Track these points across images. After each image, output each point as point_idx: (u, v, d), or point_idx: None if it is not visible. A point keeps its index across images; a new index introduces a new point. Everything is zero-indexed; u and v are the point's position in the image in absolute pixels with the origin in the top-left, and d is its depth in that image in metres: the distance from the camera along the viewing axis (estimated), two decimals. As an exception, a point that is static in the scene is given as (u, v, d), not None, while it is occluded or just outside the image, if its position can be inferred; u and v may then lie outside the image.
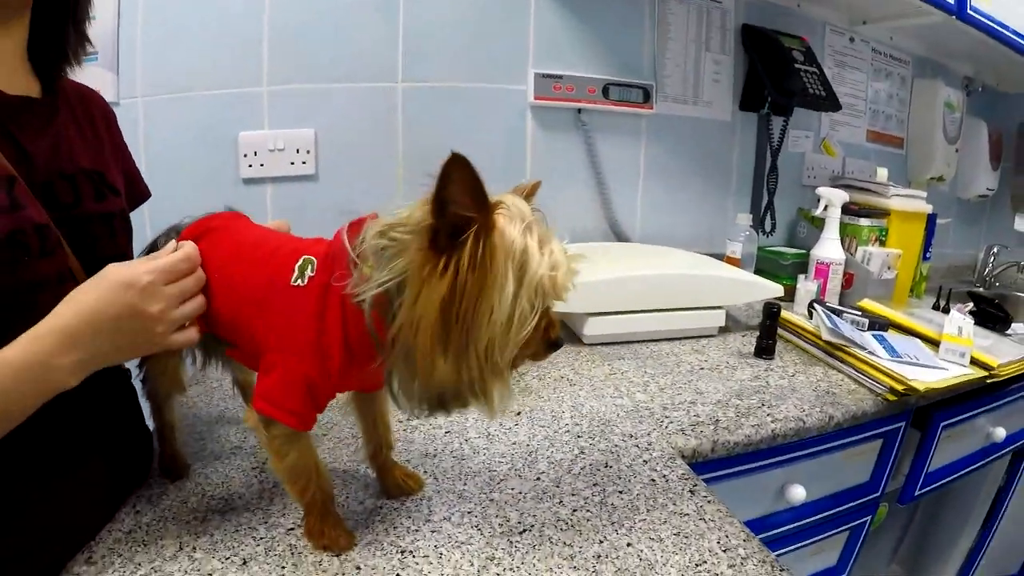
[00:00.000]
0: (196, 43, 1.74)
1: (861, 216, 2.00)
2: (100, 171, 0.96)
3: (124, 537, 0.89)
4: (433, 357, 0.73)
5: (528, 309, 0.73)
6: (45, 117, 0.88)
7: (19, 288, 0.76)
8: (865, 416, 1.32)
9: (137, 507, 0.96)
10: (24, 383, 0.73)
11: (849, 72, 2.42)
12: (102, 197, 0.94)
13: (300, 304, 0.82)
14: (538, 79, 1.92)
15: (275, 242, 0.92)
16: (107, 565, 0.83)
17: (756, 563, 0.84)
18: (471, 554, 0.86)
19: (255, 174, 1.81)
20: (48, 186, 0.85)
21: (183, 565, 0.83)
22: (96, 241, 0.92)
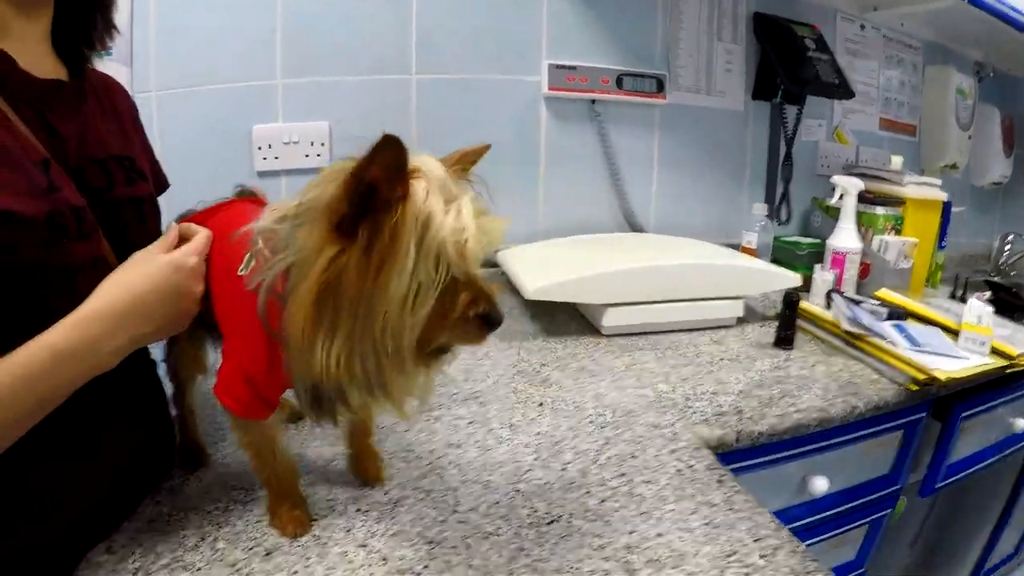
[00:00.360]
0: (209, 37, 1.74)
1: (876, 204, 1.99)
2: (129, 156, 0.96)
3: (145, 527, 0.89)
4: (310, 341, 0.68)
5: (428, 280, 0.65)
6: (74, 102, 0.88)
7: (57, 271, 0.76)
8: (888, 406, 1.32)
9: (158, 497, 0.95)
10: (69, 368, 0.74)
11: (861, 60, 2.41)
12: (132, 182, 0.94)
13: (240, 293, 0.80)
14: (552, 70, 1.92)
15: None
16: (127, 555, 0.83)
17: (787, 553, 0.84)
18: (500, 545, 0.85)
19: (270, 167, 1.82)
20: (80, 171, 0.85)
21: (205, 555, 0.83)
22: (126, 226, 0.92)
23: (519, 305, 1.84)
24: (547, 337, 1.60)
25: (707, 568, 0.81)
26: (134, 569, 0.80)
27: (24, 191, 0.71)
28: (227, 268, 0.85)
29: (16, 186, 0.71)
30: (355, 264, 0.65)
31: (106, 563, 0.82)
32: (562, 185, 2.03)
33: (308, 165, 1.83)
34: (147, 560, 0.82)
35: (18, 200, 0.70)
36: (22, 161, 0.73)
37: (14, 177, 0.71)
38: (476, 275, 0.71)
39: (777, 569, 0.81)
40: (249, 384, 0.81)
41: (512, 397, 1.27)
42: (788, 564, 0.82)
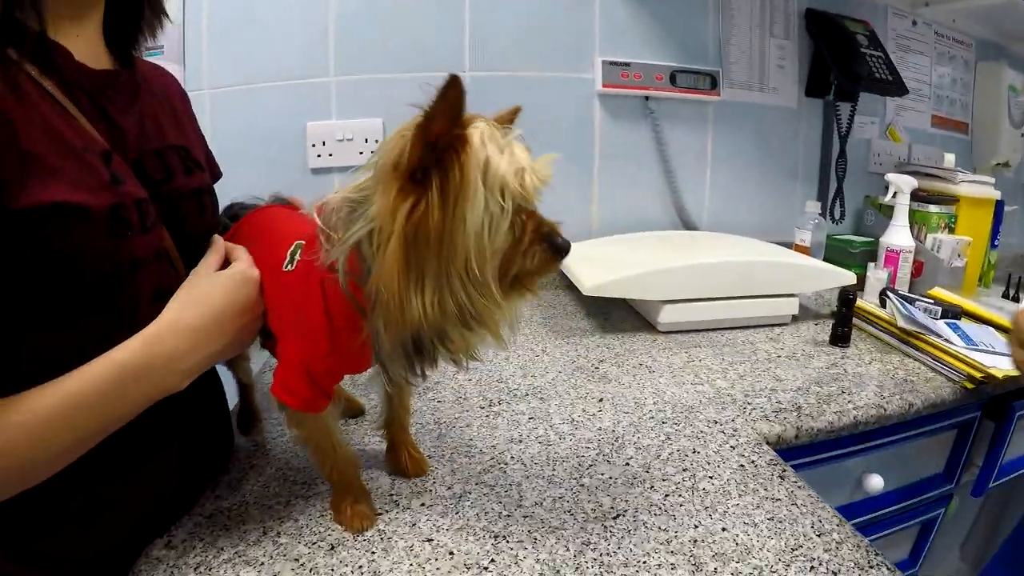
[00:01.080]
0: (262, 35, 1.78)
1: (930, 203, 1.98)
2: (185, 146, 0.96)
3: (205, 522, 0.90)
4: (404, 292, 0.71)
5: (498, 211, 0.71)
6: (130, 92, 0.88)
7: (121, 265, 0.76)
8: (944, 404, 1.31)
9: (217, 491, 0.97)
10: (137, 387, 0.75)
11: (913, 56, 2.39)
12: (189, 172, 0.95)
13: (290, 289, 0.84)
14: (606, 67, 1.93)
15: (284, 228, 0.94)
16: (188, 549, 0.84)
17: (851, 547, 0.85)
18: (566, 539, 0.86)
19: (323, 164, 1.86)
20: (139, 162, 0.85)
21: (268, 550, 0.84)
22: (186, 218, 0.92)
23: (575, 302, 1.86)
24: (604, 334, 1.61)
25: (773, 562, 0.82)
26: (195, 564, 0.82)
27: (88, 184, 0.72)
28: (273, 270, 0.88)
29: (80, 179, 0.71)
30: (433, 209, 0.69)
31: (166, 558, 0.83)
32: (616, 182, 2.04)
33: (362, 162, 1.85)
34: (208, 555, 0.83)
35: (83, 193, 0.70)
36: (84, 154, 0.73)
37: (78, 170, 0.71)
38: (537, 209, 0.77)
39: (842, 563, 0.82)
40: (309, 378, 0.83)
41: (572, 393, 1.28)
42: (853, 558, 0.82)
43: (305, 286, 0.82)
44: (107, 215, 0.73)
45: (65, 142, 0.71)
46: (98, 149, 0.75)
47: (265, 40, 1.79)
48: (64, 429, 0.70)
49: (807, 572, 0.80)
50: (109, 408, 0.73)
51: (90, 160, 0.73)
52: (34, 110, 0.69)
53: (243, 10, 1.77)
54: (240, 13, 1.77)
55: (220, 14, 1.78)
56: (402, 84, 1.84)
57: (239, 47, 1.79)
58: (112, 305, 0.77)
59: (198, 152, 1.01)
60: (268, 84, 1.81)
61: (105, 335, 0.76)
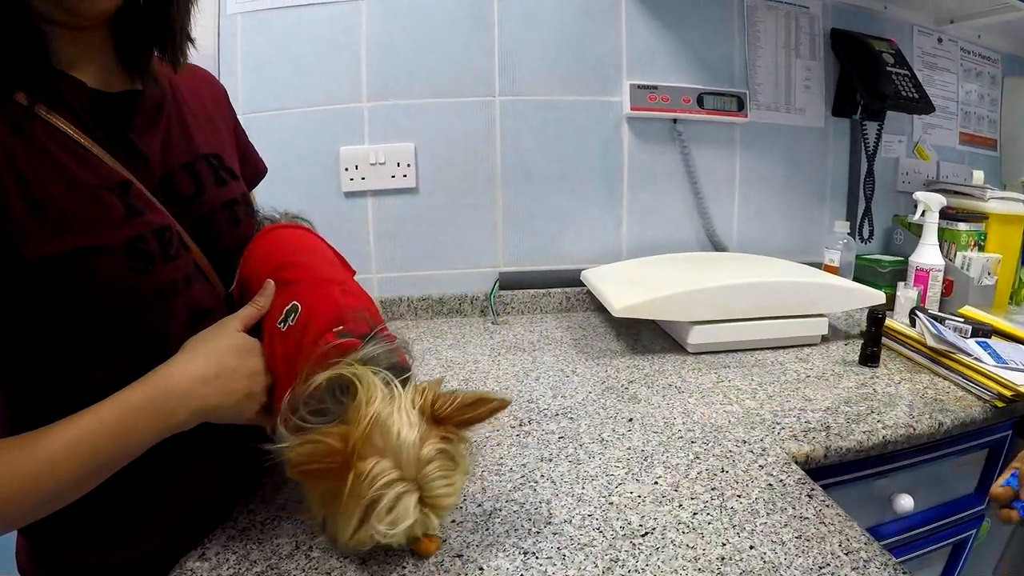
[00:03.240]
0: (295, 60, 1.82)
1: (959, 220, 1.98)
2: (218, 153, 0.97)
3: (238, 535, 0.91)
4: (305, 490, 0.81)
5: (367, 541, 0.74)
6: (153, 108, 0.88)
7: (147, 299, 0.78)
8: (974, 423, 1.31)
9: (251, 505, 0.99)
10: (146, 425, 0.76)
11: (939, 73, 2.38)
12: (222, 183, 0.95)
13: (279, 346, 0.87)
14: (633, 90, 1.95)
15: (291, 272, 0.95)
16: (221, 562, 0.86)
17: (879, 566, 0.84)
18: (595, 556, 0.87)
19: (356, 187, 1.89)
20: (168, 179, 0.86)
21: (300, 563, 0.85)
22: (220, 232, 0.94)
23: (604, 323, 1.87)
24: (633, 355, 1.62)
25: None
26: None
27: (102, 223, 0.73)
28: (271, 320, 0.90)
29: (94, 220, 0.72)
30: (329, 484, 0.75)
31: (199, 570, 0.84)
32: (645, 204, 2.05)
33: (394, 186, 1.90)
34: (241, 567, 0.84)
35: (96, 235, 0.72)
36: (98, 192, 0.74)
37: (92, 210, 0.72)
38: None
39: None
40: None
41: (601, 413, 1.29)
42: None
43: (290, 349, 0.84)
44: (123, 251, 0.74)
45: (77, 183, 0.72)
46: (115, 181, 0.76)
47: (298, 67, 1.83)
48: (74, 467, 0.71)
49: (834, 591, 0.80)
50: (117, 447, 0.74)
51: (103, 197, 0.74)
52: (43, 156, 0.70)
53: (277, 38, 1.82)
54: (274, 41, 1.82)
55: (254, 41, 1.82)
56: (434, 109, 1.89)
57: (273, 74, 1.83)
58: (143, 337, 0.79)
59: (231, 158, 1.02)
60: (301, 109, 1.85)
61: (140, 366, 0.78)
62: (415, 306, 1.99)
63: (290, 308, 0.88)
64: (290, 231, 1.08)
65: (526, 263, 2.02)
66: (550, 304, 2.04)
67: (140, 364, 0.78)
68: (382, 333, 0.85)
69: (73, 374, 0.77)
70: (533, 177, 1.97)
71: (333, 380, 0.76)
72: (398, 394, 0.77)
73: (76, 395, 0.74)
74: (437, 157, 1.92)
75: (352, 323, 0.84)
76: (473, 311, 2.01)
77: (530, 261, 2.02)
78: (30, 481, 0.69)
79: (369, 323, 0.85)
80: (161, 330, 0.81)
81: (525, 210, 1.99)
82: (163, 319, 0.81)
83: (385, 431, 0.73)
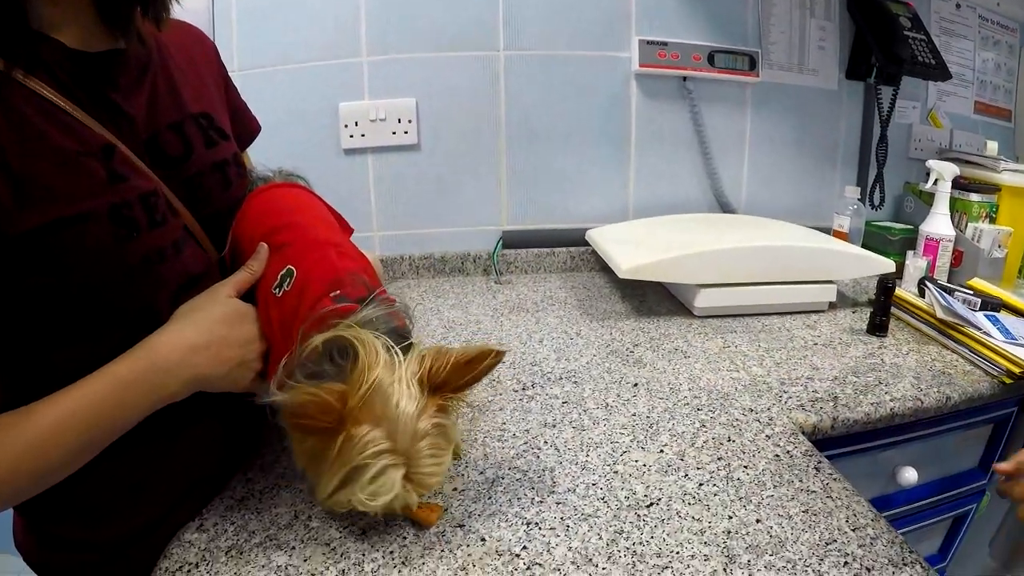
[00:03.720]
0: (292, 15, 1.79)
1: (971, 191, 1.94)
2: (207, 113, 0.94)
3: (236, 504, 0.91)
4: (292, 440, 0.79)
5: (344, 505, 0.74)
6: (138, 67, 0.84)
7: (134, 268, 0.75)
8: (981, 399, 1.29)
9: (249, 474, 0.98)
10: (135, 398, 0.74)
11: (956, 40, 2.33)
12: (212, 143, 0.93)
13: (274, 311, 0.85)
14: (643, 46, 1.91)
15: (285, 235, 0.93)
16: (219, 533, 0.85)
17: (885, 543, 0.83)
18: (599, 527, 0.86)
19: (356, 144, 1.86)
20: (154, 140, 0.84)
21: (299, 533, 0.84)
22: (210, 194, 0.91)
23: (609, 284, 1.85)
24: (639, 317, 1.61)
25: (806, 556, 0.81)
26: (227, 547, 0.82)
27: (84, 190, 0.70)
28: (265, 285, 0.88)
29: (76, 188, 0.70)
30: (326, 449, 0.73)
31: (197, 541, 0.84)
32: (652, 164, 2.02)
33: (395, 142, 1.87)
34: (240, 538, 0.84)
35: (79, 202, 0.69)
36: (81, 158, 0.71)
37: (73, 178, 0.70)
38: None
39: (876, 559, 0.81)
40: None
41: (606, 377, 1.28)
42: (887, 555, 0.81)
43: (286, 315, 0.83)
44: (108, 219, 0.72)
45: (58, 151, 0.69)
46: (98, 146, 0.74)
47: (296, 21, 1.79)
48: (66, 443, 0.70)
49: (841, 567, 0.79)
50: (108, 421, 0.73)
51: (85, 164, 0.71)
52: (23, 125, 0.67)
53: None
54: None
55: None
56: (436, 63, 1.85)
57: (269, 28, 1.79)
58: (132, 308, 0.77)
59: (222, 118, 0.99)
60: (299, 65, 1.81)
61: (131, 337, 0.76)
62: (416, 265, 1.97)
63: (285, 273, 0.86)
64: (285, 190, 1.05)
65: (530, 221, 2.00)
66: (554, 264, 2.02)
67: (131, 335, 0.76)
68: (381, 296, 0.83)
69: (63, 349, 0.75)
70: (538, 134, 1.94)
71: (330, 342, 0.75)
72: (400, 362, 0.75)
73: (67, 371, 0.72)
74: (439, 113, 1.89)
75: (349, 287, 0.82)
76: (476, 270, 1.99)
77: (534, 220, 2.00)
78: (21, 460, 0.68)
79: (367, 286, 0.84)
80: (151, 300, 0.79)
81: (529, 168, 1.96)
82: (152, 288, 0.79)
83: (384, 400, 0.72)
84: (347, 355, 0.75)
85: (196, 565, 0.80)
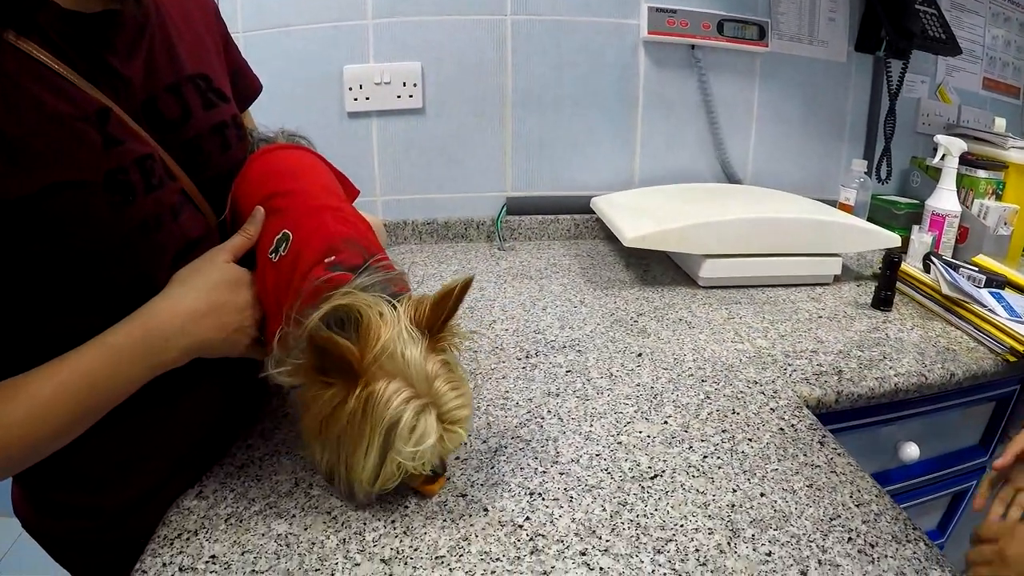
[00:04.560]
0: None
1: (978, 168, 1.93)
2: (206, 74, 0.92)
3: (236, 472, 0.90)
4: (310, 440, 0.78)
5: (393, 474, 0.74)
6: (135, 28, 0.82)
7: (130, 232, 0.74)
8: (985, 376, 1.29)
9: (249, 441, 0.97)
10: (129, 368, 0.74)
11: (967, 15, 2.31)
12: (211, 105, 0.91)
13: (270, 277, 0.84)
14: (651, 13, 1.88)
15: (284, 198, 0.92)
16: (219, 500, 0.85)
17: (889, 520, 0.84)
18: (602, 498, 0.86)
19: (360, 108, 1.84)
20: (151, 103, 0.82)
21: (300, 501, 0.84)
22: (209, 157, 0.90)
23: (614, 252, 1.85)
24: (643, 286, 1.60)
25: (810, 530, 0.81)
26: (226, 515, 0.82)
27: (79, 156, 0.69)
28: (262, 250, 0.87)
29: (71, 153, 0.68)
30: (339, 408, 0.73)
31: (197, 508, 0.83)
32: (659, 132, 2.00)
33: (400, 106, 1.85)
34: (240, 506, 0.84)
35: (74, 168, 0.68)
36: (75, 123, 0.69)
37: (68, 143, 0.68)
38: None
39: (880, 535, 0.81)
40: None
41: (610, 347, 1.27)
42: (891, 531, 0.82)
43: (281, 281, 0.82)
44: (103, 185, 0.70)
45: (51, 115, 0.68)
46: (93, 110, 0.72)
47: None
48: (63, 412, 0.70)
49: (844, 543, 0.79)
50: (104, 390, 0.72)
51: (80, 129, 0.70)
52: (16, 90, 0.66)
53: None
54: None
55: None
56: (443, 27, 1.82)
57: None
58: (130, 275, 0.76)
59: (221, 79, 0.97)
60: (304, 27, 1.78)
61: (129, 304, 0.76)
62: (419, 230, 1.96)
63: (280, 237, 0.85)
64: (286, 152, 1.04)
65: (534, 188, 1.99)
66: (558, 231, 2.01)
67: (130, 302, 0.76)
68: (378, 263, 0.82)
69: (60, 318, 0.75)
70: (544, 100, 1.92)
71: (328, 315, 0.74)
72: (395, 314, 0.75)
73: (64, 340, 0.72)
74: (445, 77, 1.86)
75: (345, 253, 0.81)
76: (479, 236, 1.98)
77: (539, 186, 1.99)
78: (17, 429, 0.67)
79: (363, 253, 0.83)
80: (149, 265, 0.78)
81: (535, 134, 1.94)
82: (150, 253, 0.78)
83: (392, 353, 0.72)
84: (345, 325, 0.74)
85: (195, 533, 0.79)
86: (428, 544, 0.77)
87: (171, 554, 0.76)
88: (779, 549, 0.78)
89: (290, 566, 0.74)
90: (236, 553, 0.76)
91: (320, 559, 0.75)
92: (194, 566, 0.74)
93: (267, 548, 0.77)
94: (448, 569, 0.74)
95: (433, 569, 0.74)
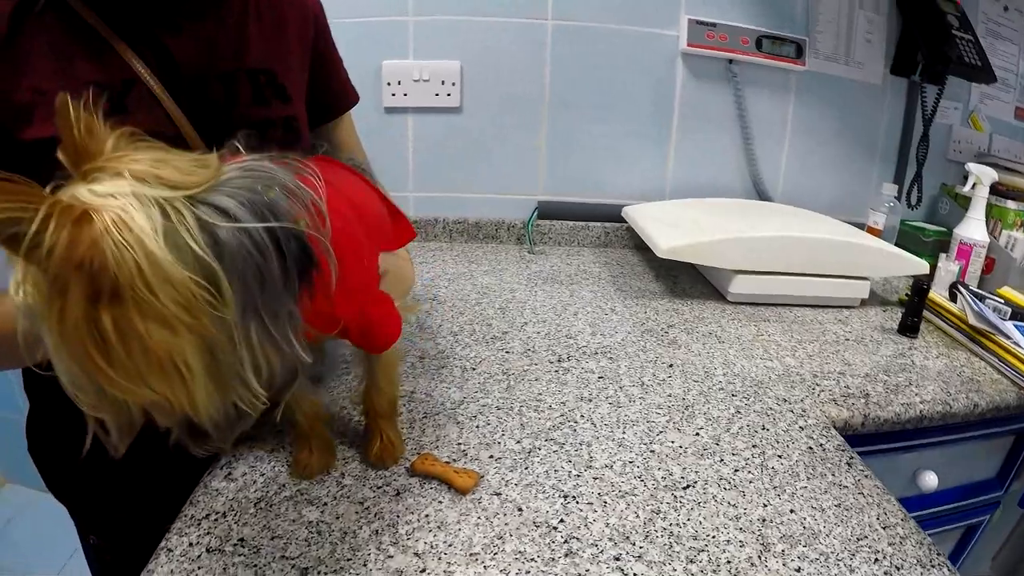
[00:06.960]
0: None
1: (1008, 198, 1.93)
2: (270, 70, 0.92)
3: (266, 456, 0.91)
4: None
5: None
6: (207, 10, 0.84)
7: None
8: (1008, 408, 1.29)
9: (280, 425, 0.96)
10: None
11: (1001, 43, 2.30)
12: (263, 101, 0.91)
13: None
14: (692, 25, 1.89)
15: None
16: (248, 483, 0.85)
17: (914, 544, 0.84)
18: (636, 505, 0.86)
19: (398, 103, 1.86)
20: (199, 81, 0.83)
21: (331, 490, 0.85)
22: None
23: (642, 262, 1.86)
24: (673, 298, 1.61)
25: (839, 549, 0.82)
26: (256, 499, 0.83)
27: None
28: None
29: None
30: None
31: (225, 490, 0.84)
32: (693, 145, 2.01)
33: (437, 104, 1.86)
34: (270, 490, 0.84)
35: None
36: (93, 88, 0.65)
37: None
38: None
39: (905, 558, 0.81)
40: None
41: (641, 356, 1.28)
42: (916, 555, 0.82)
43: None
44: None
45: (75, 76, 0.72)
46: (119, 78, 0.75)
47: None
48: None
49: (871, 564, 0.80)
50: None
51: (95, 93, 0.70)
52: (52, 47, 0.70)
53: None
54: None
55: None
56: (482, 27, 1.83)
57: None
58: None
59: (290, 80, 0.97)
60: (344, 20, 1.78)
61: None
62: (450, 228, 1.97)
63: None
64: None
65: (566, 193, 2.00)
66: (588, 238, 2.02)
67: None
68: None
69: None
70: (581, 106, 1.93)
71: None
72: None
73: None
74: (483, 78, 1.88)
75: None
76: (509, 238, 1.99)
77: (570, 192, 2.00)
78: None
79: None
80: None
81: (570, 139, 1.95)
82: None
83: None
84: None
85: (223, 515, 0.80)
86: (462, 540, 0.78)
87: (198, 534, 0.77)
88: (808, 566, 0.78)
89: (321, 554, 0.74)
90: (266, 538, 0.77)
91: (352, 549, 0.75)
92: (222, 548, 0.75)
93: (298, 535, 0.77)
94: (483, 566, 0.74)
95: (468, 566, 0.74)
